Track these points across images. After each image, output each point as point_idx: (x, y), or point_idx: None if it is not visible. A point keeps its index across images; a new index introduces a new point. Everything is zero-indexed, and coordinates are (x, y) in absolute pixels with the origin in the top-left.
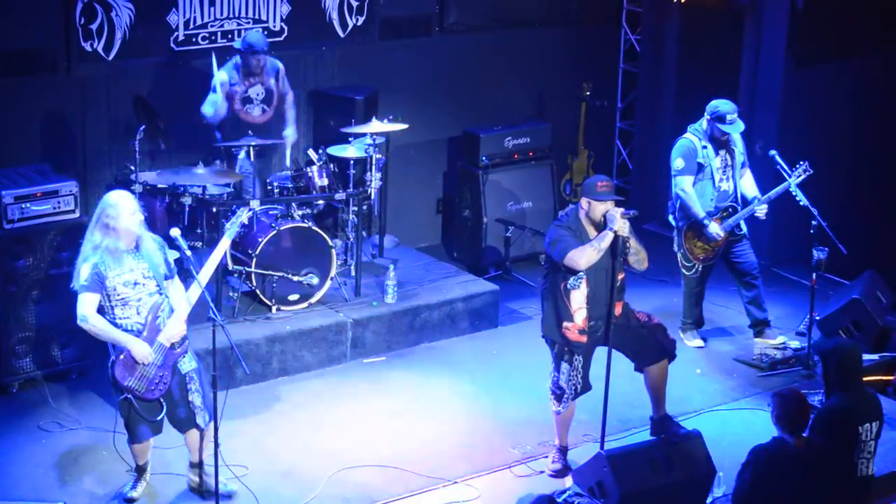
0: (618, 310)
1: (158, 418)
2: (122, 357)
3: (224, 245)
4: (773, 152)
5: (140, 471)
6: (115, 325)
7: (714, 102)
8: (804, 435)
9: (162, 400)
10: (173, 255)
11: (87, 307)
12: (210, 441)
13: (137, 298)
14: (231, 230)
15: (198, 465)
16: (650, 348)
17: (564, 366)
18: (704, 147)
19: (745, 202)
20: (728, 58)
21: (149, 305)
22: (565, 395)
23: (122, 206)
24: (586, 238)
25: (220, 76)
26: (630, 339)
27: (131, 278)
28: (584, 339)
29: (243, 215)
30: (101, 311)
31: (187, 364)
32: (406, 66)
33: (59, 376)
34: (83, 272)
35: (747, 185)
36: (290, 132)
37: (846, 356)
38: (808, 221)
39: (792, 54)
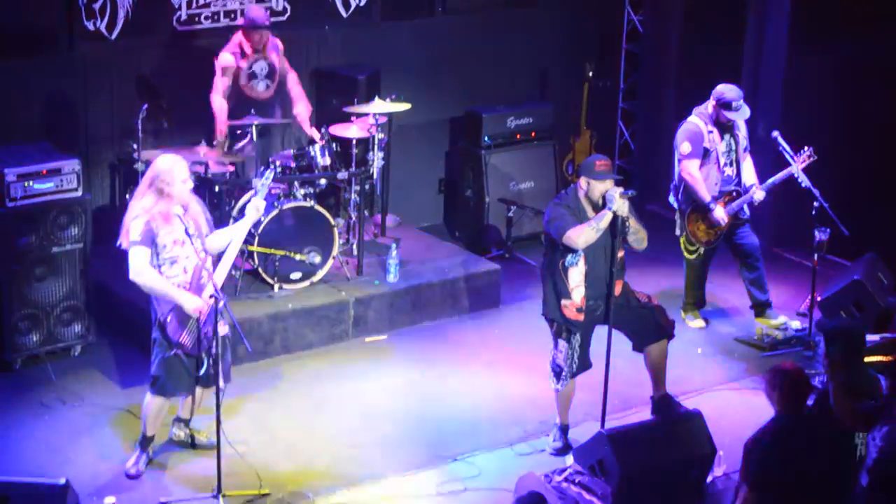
0: (617, 289)
1: (202, 373)
2: (172, 314)
3: (258, 205)
4: (775, 134)
5: (146, 443)
6: None
7: (720, 88)
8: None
9: (203, 354)
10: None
11: (141, 262)
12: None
13: (186, 256)
14: (262, 190)
15: (185, 422)
16: (649, 328)
17: (563, 344)
18: (710, 132)
19: (745, 188)
20: (731, 38)
21: (194, 263)
22: (564, 373)
23: (175, 172)
24: (585, 217)
25: (224, 58)
26: (629, 318)
27: (180, 237)
28: (581, 317)
29: (270, 176)
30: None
31: (223, 327)
32: (408, 45)
33: (61, 353)
34: (134, 228)
35: (747, 171)
36: (302, 108)
37: (850, 337)
38: (809, 203)
39: (795, 35)
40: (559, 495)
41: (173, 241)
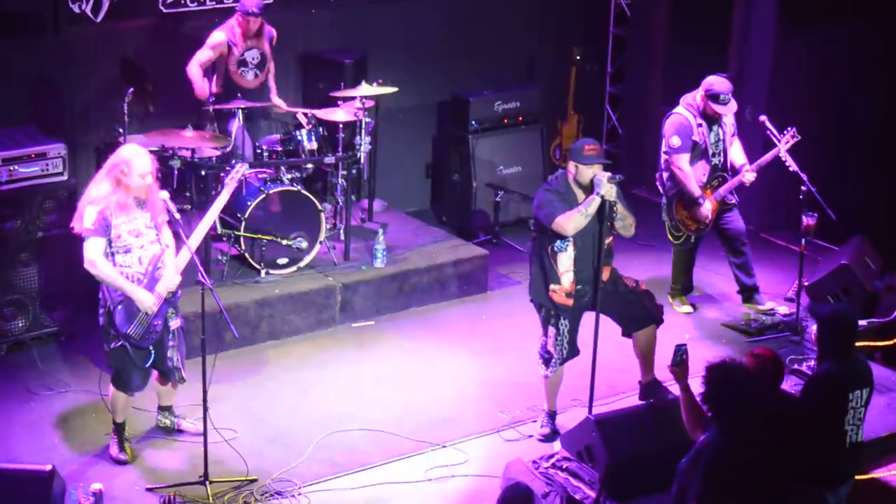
0: (605, 274)
1: (147, 365)
2: (122, 305)
3: (223, 200)
4: (763, 118)
5: (120, 430)
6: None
7: (710, 79)
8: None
9: (151, 347)
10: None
11: (94, 251)
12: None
13: (140, 246)
14: (230, 185)
15: (167, 409)
16: (637, 314)
17: (551, 329)
18: (700, 125)
19: (735, 171)
20: (718, 22)
21: (149, 255)
22: (553, 360)
23: (135, 165)
24: (574, 202)
25: (217, 36)
26: (617, 304)
27: (135, 227)
28: (570, 302)
29: (241, 170)
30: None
31: (174, 321)
32: (395, 29)
33: (47, 339)
34: (88, 215)
35: (736, 153)
36: (279, 101)
37: (842, 322)
38: (797, 187)
39: (783, 19)
40: (546, 482)
41: (128, 231)
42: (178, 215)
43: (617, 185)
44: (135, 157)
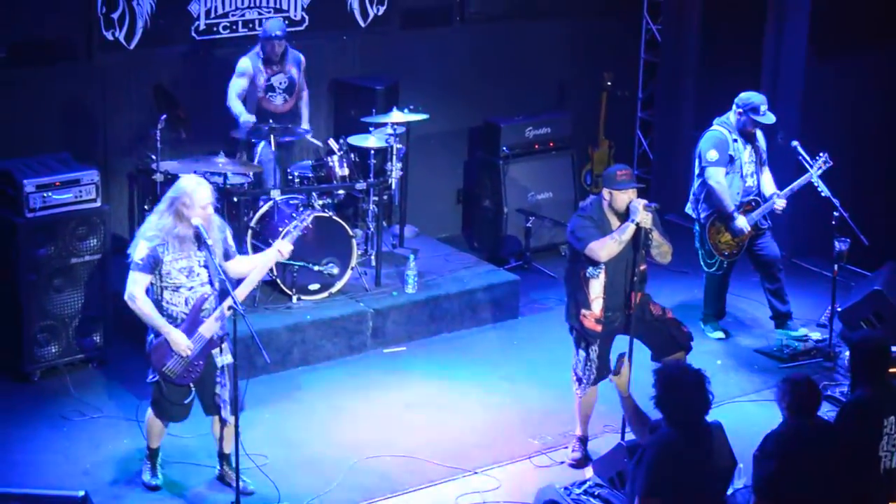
0: (636, 301)
1: (186, 402)
2: (161, 342)
3: (282, 249)
4: (795, 143)
5: (153, 456)
6: (161, 307)
7: (744, 95)
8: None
9: (191, 385)
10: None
11: (137, 287)
12: (232, 433)
13: (189, 287)
14: (294, 233)
15: (221, 456)
16: (664, 342)
17: (581, 353)
18: (735, 140)
19: (765, 198)
20: (750, 47)
21: (196, 296)
22: (582, 383)
23: (197, 196)
24: (609, 228)
25: (243, 63)
26: (645, 331)
27: (187, 265)
28: (599, 328)
29: (308, 220)
30: (149, 288)
31: (222, 358)
32: (427, 55)
33: (80, 365)
34: (141, 249)
35: (766, 182)
36: (305, 128)
37: (875, 348)
38: (829, 212)
39: (814, 44)
40: None
41: (179, 270)
42: (210, 241)
43: (654, 212)
44: (196, 188)
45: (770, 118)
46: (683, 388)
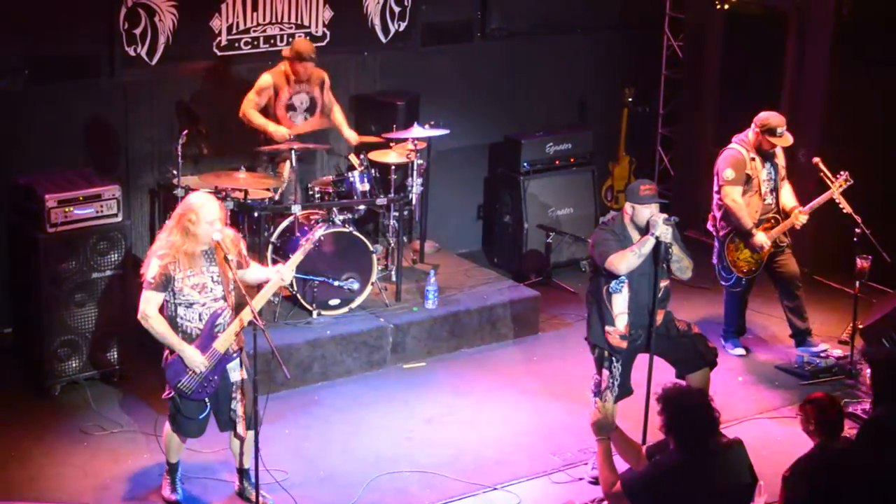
0: (658, 318)
1: (201, 417)
2: (176, 358)
3: (284, 275)
4: (816, 160)
5: (172, 471)
6: (176, 323)
7: (763, 115)
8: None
9: (207, 400)
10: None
11: (150, 306)
12: (251, 448)
13: (203, 303)
14: (306, 246)
15: (241, 472)
16: (689, 357)
17: (604, 372)
18: (753, 159)
19: (785, 214)
20: (771, 64)
21: (210, 312)
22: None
23: (203, 212)
24: (630, 243)
25: (264, 80)
26: (669, 347)
27: (200, 281)
28: (624, 344)
29: (319, 233)
30: (163, 306)
31: (236, 373)
32: (447, 71)
33: (100, 379)
34: (151, 268)
35: (786, 196)
36: (352, 134)
37: None
38: (851, 229)
39: (836, 60)
40: None
41: (191, 286)
42: (231, 257)
43: (673, 226)
44: (203, 203)
45: (787, 140)
46: (691, 410)
